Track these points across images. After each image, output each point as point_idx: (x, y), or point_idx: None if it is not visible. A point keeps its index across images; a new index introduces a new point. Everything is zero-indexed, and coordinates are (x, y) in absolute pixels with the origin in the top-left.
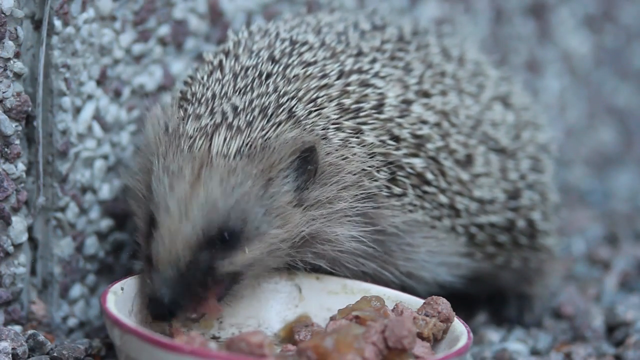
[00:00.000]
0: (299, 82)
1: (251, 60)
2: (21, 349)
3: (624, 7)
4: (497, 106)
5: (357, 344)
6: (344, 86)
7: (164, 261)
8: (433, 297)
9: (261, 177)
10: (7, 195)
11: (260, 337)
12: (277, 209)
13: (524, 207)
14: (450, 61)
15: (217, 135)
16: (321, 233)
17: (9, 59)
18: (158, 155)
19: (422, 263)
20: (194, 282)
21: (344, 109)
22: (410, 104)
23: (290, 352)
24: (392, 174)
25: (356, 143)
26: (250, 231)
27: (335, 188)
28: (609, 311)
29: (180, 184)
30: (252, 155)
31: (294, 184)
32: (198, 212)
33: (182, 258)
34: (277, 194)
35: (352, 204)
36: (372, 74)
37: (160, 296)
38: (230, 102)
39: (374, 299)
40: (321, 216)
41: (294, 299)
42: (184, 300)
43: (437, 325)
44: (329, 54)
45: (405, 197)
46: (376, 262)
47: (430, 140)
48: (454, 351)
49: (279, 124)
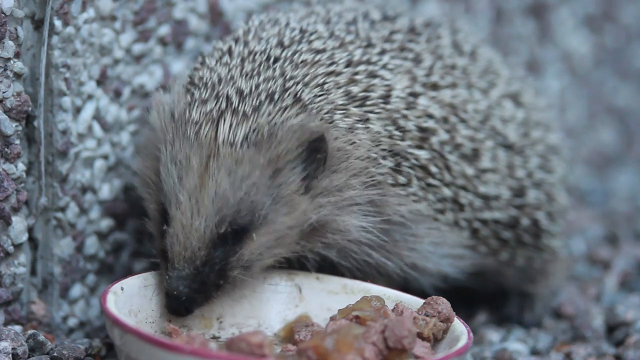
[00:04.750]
0: (307, 68)
1: (260, 46)
2: (21, 349)
3: (624, 7)
4: (507, 103)
5: (357, 344)
6: (351, 75)
7: (179, 258)
8: (433, 297)
9: (268, 167)
10: (7, 195)
11: (260, 337)
12: (284, 197)
13: (529, 205)
14: (462, 56)
15: (223, 121)
16: (330, 222)
17: (9, 59)
18: (165, 142)
19: (425, 254)
20: (209, 278)
21: (350, 96)
22: (417, 97)
23: (290, 352)
24: (397, 164)
25: (362, 130)
26: (258, 220)
27: (345, 175)
28: (609, 311)
29: (189, 176)
30: (259, 143)
31: (302, 173)
32: (209, 206)
33: (197, 255)
34: (284, 184)
35: (360, 192)
36: (381, 65)
37: (178, 293)
38: (235, 86)
39: (374, 299)
40: (329, 204)
41: (294, 299)
42: (200, 297)
43: (437, 325)
44: (338, 43)
45: (410, 187)
46: (381, 252)
47: (435, 133)
48: (454, 351)
49: (285, 109)
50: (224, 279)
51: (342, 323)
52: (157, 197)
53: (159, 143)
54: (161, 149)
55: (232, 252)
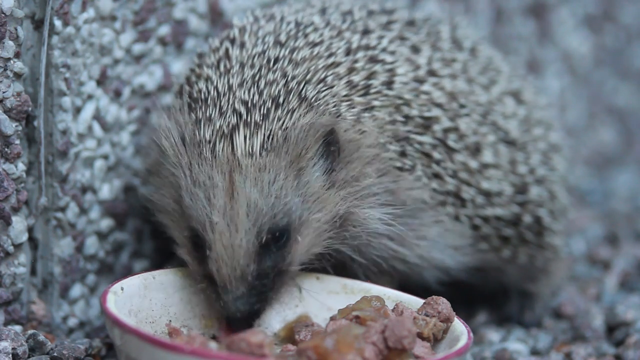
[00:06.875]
0: (306, 64)
1: (257, 47)
2: (21, 349)
3: (624, 7)
4: (508, 100)
5: (357, 344)
6: (351, 63)
7: (231, 279)
8: (433, 297)
9: (291, 168)
10: (7, 195)
11: (260, 337)
12: (312, 194)
13: (532, 202)
14: (462, 51)
15: (237, 134)
16: (353, 214)
17: (9, 59)
18: (182, 167)
19: (433, 242)
20: (264, 288)
21: (353, 85)
22: (421, 83)
23: (290, 352)
24: (403, 149)
25: (368, 118)
26: (295, 222)
27: (359, 164)
28: (609, 311)
29: (217, 195)
30: (276, 147)
31: (323, 169)
32: (245, 220)
33: (248, 272)
34: (310, 181)
35: (376, 180)
36: (380, 49)
37: (240, 314)
38: (240, 97)
39: (374, 299)
40: (350, 195)
41: (294, 299)
42: (261, 306)
43: (437, 325)
44: (335, 32)
45: (415, 172)
46: (397, 241)
47: (438, 121)
48: (454, 351)
49: (292, 111)
50: (279, 285)
51: (342, 323)
52: (183, 224)
53: (174, 168)
54: (179, 175)
55: (280, 258)
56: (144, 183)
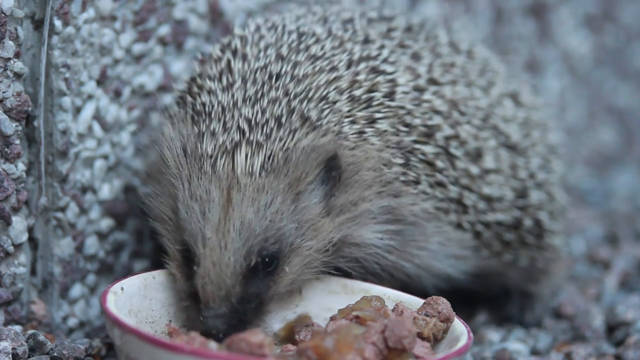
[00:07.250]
0: (308, 80)
1: (259, 62)
2: (21, 349)
3: (624, 7)
4: (507, 102)
5: (357, 344)
6: (353, 76)
7: (214, 297)
8: (433, 297)
9: (289, 191)
10: (7, 195)
11: (260, 337)
12: (308, 221)
13: (532, 206)
14: (460, 54)
15: (239, 152)
16: (349, 237)
17: (9, 59)
18: (181, 179)
19: (433, 253)
20: (245, 312)
21: (355, 99)
22: (422, 92)
23: (290, 352)
24: (407, 161)
25: (372, 133)
26: (286, 248)
27: (359, 189)
28: (609, 311)
29: (213, 210)
30: (276, 169)
31: (321, 194)
32: (236, 238)
33: (233, 293)
34: (307, 207)
35: (374, 202)
36: (381, 60)
37: (216, 332)
38: (243, 114)
39: (374, 299)
40: (347, 220)
41: (294, 299)
42: (237, 330)
43: (437, 325)
44: (337, 43)
45: (419, 184)
46: (396, 253)
47: (440, 129)
48: (454, 351)
49: (294, 131)
50: (261, 313)
51: (342, 323)
52: (177, 236)
53: (173, 179)
54: (177, 186)
55: (265, 287)
56: (144, 183)
